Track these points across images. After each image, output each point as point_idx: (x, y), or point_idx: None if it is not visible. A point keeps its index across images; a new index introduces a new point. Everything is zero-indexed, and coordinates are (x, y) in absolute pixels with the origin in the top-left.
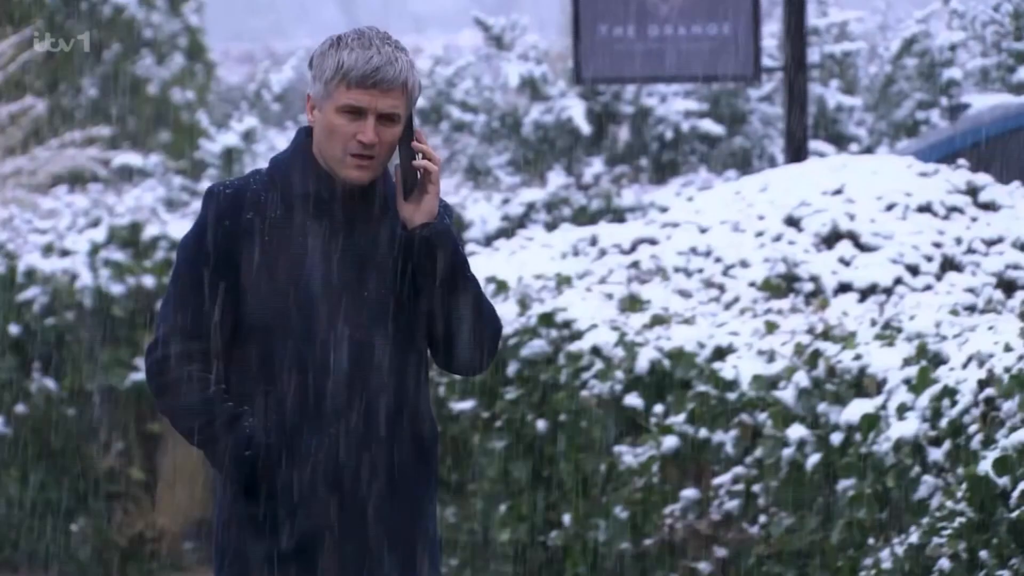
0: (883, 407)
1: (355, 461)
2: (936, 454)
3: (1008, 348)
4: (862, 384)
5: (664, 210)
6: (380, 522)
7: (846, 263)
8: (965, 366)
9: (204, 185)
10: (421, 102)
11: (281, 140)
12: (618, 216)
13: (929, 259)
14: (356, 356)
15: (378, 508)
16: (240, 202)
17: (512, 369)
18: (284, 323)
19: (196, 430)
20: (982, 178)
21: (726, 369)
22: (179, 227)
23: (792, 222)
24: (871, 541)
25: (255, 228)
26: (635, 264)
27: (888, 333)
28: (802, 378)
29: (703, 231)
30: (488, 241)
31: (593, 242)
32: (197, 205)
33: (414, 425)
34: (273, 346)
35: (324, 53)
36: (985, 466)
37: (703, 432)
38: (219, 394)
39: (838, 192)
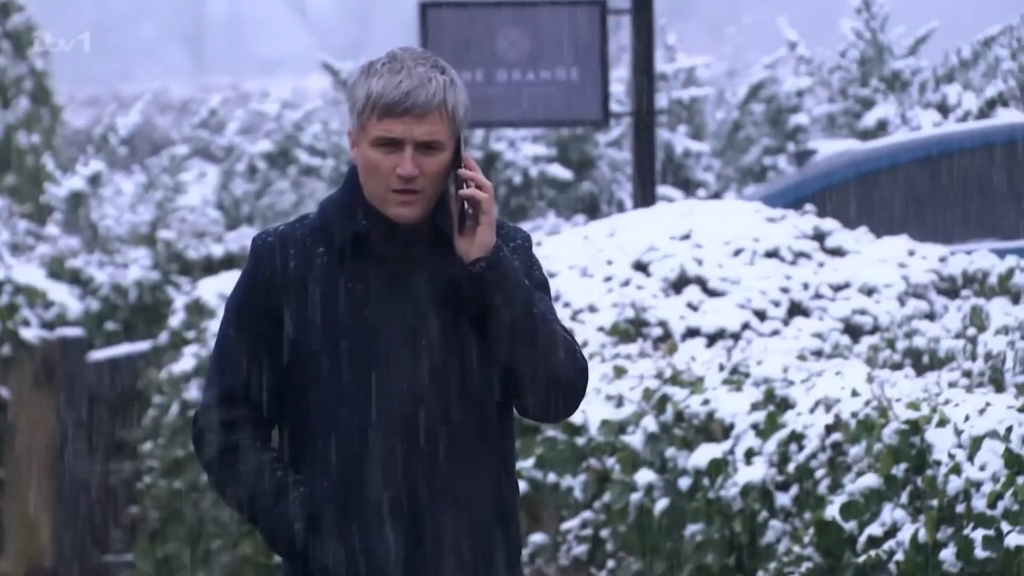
0: (731, 452)
1: (419, 529)
2: (783, 499)
3: (855, 393)
4: (710, 429)
5: None
6: None
7: (694, 308)
8: (812, 411)
9: (50, 229)
10: (268, 145)
11: (128, 184)
12: None
13: (776, 304)
14: (416, 411)
15: None
16: (284, 249)
17: None
18: (336, 379)
19: (244, 505)
20: (829, 223)
21: (575, 414)
22: (23, 271)
23: (640, 267)
24: None
25: (302, 277)
26: None
27: (736, 378)
28: (650, 423)
29: (552, 276)
30: None
31: None
32: (43, 249)
33: (489, 486)
34: (325, 404)
35: (355, 83)
36: (832, 511)
37: (552, 477)
38: (269, 463)
39: (686, 237)
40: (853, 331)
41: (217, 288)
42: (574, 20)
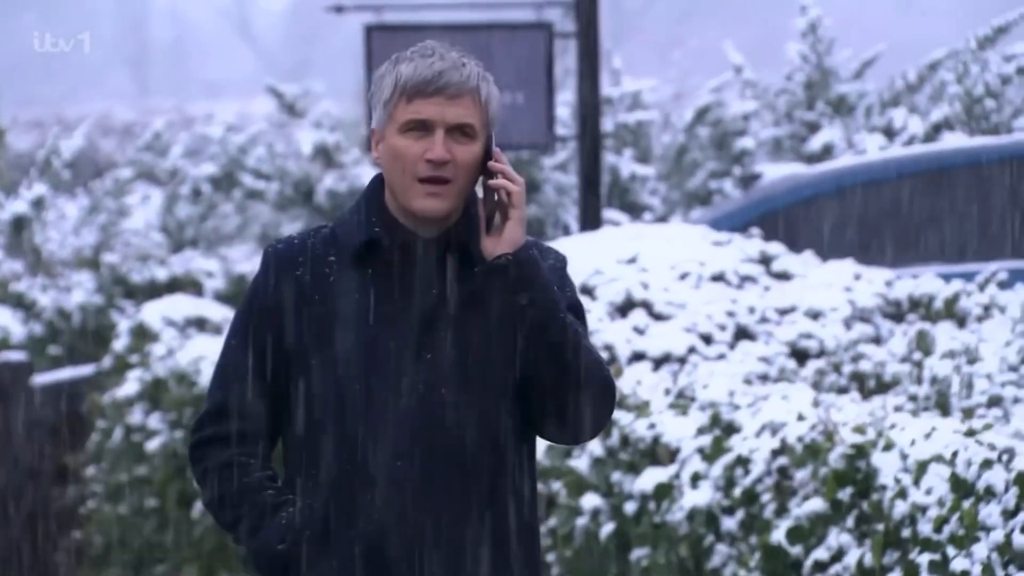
0: (677, 476)
1: (423, 555)
2: (730, 523)
3: (801, 417)
4: (656, 453)
5: None
6: None
7: (640, 332)
8: (758, 435)
9: None
10: (212, 168)
11: (71, 207)
12: None
13: (722, 328)
14: (419, 428)
15: None
16: (293, 258)
17: None
18: (339, 395)
19: (233, 523)
20: (775, 247)
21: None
22: None
23: (586, 291)
24: None
25: (308, 286)
26: None
27: (682, 402)
28: (596, 447)
29: None
30: None
31: None
32: None
33: (507, 509)
34: (325, 420)
35: (382, 76)
36: (778, 535)
37: None
38: (260, 481)
39: (632, 261)
40: (799, 355)
41: (161, 311)
42: (520, 43)
